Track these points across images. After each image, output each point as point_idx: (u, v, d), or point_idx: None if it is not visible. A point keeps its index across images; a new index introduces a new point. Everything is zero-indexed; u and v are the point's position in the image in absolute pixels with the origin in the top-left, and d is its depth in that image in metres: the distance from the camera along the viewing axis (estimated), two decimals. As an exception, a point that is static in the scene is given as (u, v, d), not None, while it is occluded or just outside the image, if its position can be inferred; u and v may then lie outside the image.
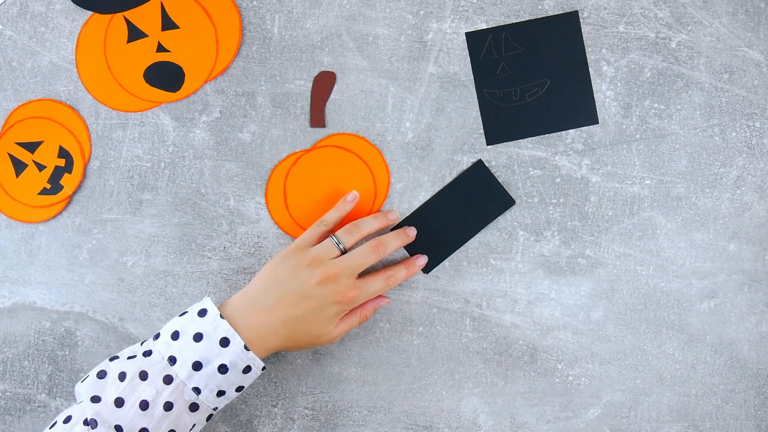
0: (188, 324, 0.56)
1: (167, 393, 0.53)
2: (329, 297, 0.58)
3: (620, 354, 0.65)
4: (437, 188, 0.65)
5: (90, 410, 0.53)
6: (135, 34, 0.65)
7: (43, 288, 0.66)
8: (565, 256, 0.65)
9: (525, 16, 0.64)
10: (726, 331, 0.65)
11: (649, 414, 0.65)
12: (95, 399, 0.53)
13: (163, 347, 0.55)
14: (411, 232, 0.64)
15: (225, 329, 0.55)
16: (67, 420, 0.53)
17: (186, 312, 0.57)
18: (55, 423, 0.54)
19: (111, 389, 0.53)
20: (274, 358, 0.65)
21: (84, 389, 0.54)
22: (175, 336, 0.55)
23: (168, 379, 0.54)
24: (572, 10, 0.64)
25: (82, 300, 0.65)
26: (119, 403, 0.53)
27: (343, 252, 0.60)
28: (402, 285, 0.65)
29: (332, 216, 0.62)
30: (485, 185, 0.64)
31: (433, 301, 0.65)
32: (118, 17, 0.64)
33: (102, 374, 0.54)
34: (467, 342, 0.65)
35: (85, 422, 0.52)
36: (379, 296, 0.63)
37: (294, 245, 0.60)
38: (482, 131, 0.64)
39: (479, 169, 0.64)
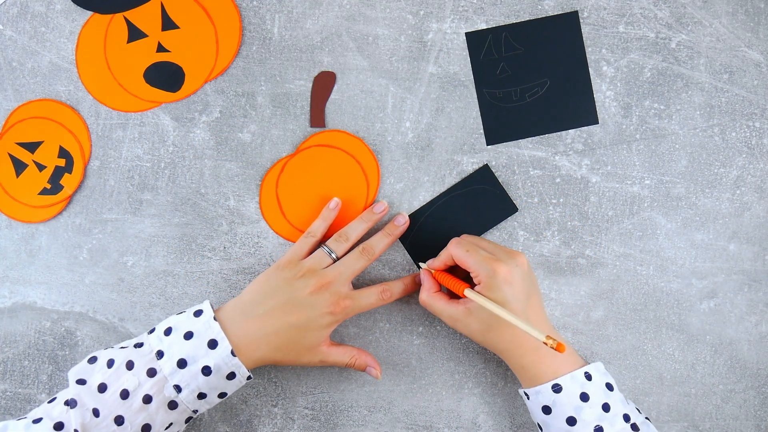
0: (182, 322, 0.56)
1: (148, 386, 0.54)
2: (322, 306, 0.58)
3: (620, 354, 0.65)
4: (437, 188, 0.65)
5: (72, 391, 0.53)
6: (135, 34, 0.65)
7: (43, 288, 0.66)
8: (565, 256, 0.65)
9: (525, 16, 0.64)
10: (726, 331, 0.65)
11: (648, 414, 0.65)
12: (80, 382, 0.54)
13: (154, 341, 0.55)
14: (399, 221, 0.63)
15: (215, 331, 0.55)
16: (52, 400, 0.55)
17: (184, 311, 0.58)
18: (42, 403, 0.55)
19: (98, 374, 0.54)
20: (274, 358, 0.65)
21: (73, 373, 0.55)
22: (168, 332, 0.56)
23: (151, 372, 0.54)
24: (572, 10, 0.64)
25: (83, 300, 0.66)
26: (102, 388, 0.54)
27: (336, 261, 0.61)
28: (402, 285, 0.65)
29: (319, 226, 0.62)
30: (490, 190, 0.64)
31: (433, 301, 0.65)
32: (118, 17, 0.65)
33: (92, 360, 0.55)
34: (467, 342, 0.65)
35: (66, 402, 0.53)
36: (375, 364, 0.62)
37: (286, 258, 0.60)
38: (482, 131, 0.65)
39: (485, 173, 0.64)
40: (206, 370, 0.55)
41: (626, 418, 0.55)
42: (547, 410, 0.56)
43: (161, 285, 0.65)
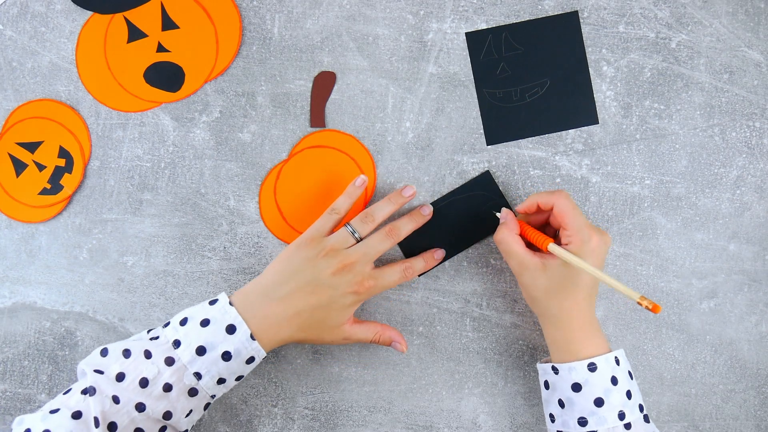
0: (198, 311, 0.56)
1: (168, 374, 0.54)
2: (345, 287, 0.58)
3: (620, 354, 0.65)
4: (437, 188, 0.65)
5: (91, 379, 0.53)
6: (135, 34, 0.65)
7: (43, 288, 0.66)
8: (565, 256, 0.65)
9: (525, 16, 0.64)
10: (726, 331, 0.65)
11: (649, 414, 0.65)
12: (97, 372, 0.54)
13: (170, 332, 0.55)
14: (425, 211, 0.63)
15: (233, 316, 0.55)
16: (67, 391, 0.54)
17: (198, 303, 0.58)
18: (56, 396, 0.55)
19: (114, 365, 0.54)
20: (273, 359, 0.65)
21: (87, 364, 0.54)
22: (183, 322, 0.56)
23: (170, 361, 0.54)
24: (572, 10, 0.64)
25: (82, 300, 0.66)
26: (120, 377, 0.53)
27: (359, 241, 0.60)
28: (402, 285, 0.65)
29: (343, 203, 0.61)
30: (489, 197, 0.64)
31: (433, 301, 0.65)
32: (118, 17, 0.65)
33: (104, 352, 0.55)
34: (467, 342, 0.65)
35: (84, 391, 0.53)
36: (400, 339, 0.62)
37: (308, 235, 0.59)
38: (482, 131, 0.65)
39: (486, 179, 0.64)
40: (226, 356, 0.55)
41: (641, 408, 0.56)
42: (577, 388, 0.55)
43: (161, 285, 0.65)
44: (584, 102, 0.64)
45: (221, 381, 0.56)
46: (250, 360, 0.56)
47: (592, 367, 0.55)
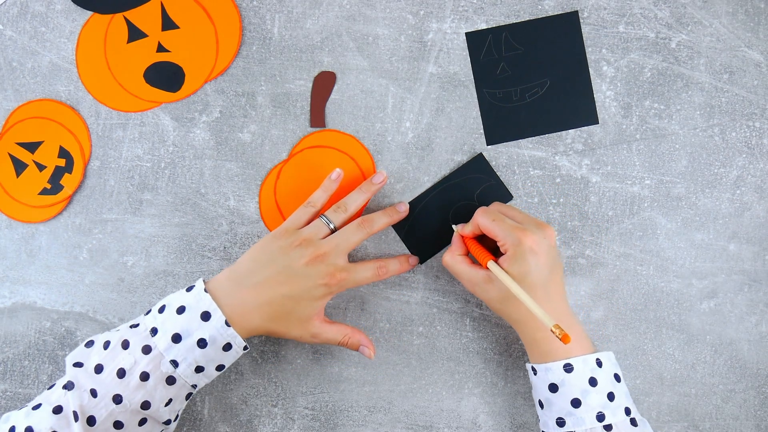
0: (175, 298, 0.56)
1: (144, 363, 0.54)
2: (317, 277, 0.57)
3: (620, 354, 0.65)
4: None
5: (70, 374, 0.53)
6: (135, 34, 0.65)
7: (43, 288, 0.66)
8: (565, 256, 0.65)
9: (525, 16, 0.64)
10: (726, 331, 0.65)
11: (649, 414, 0.65)
12: (78, 365, 0.54)
13: (149, 320, 0.55)
14: (401, 208, 0.63)
15: (207, 303, 0.55)
16: (51, 386, 0.55)
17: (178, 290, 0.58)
18: (42, 391, 0.55)
19: (94, 356, 0.54)
20: (273, 359, 0.65)
21: (70, 357, 0.55)
22: (162, 309, 0.56)
23: (147, 349, 0.54)
24: (572, 10, 0.64)
25: (83, 300, 0.66)
26: (98, 369, 0.53)
27: (333, 231, 0.60)
28: (402, 285, 0.65)
29: (319, 196, 0.62)
30: (485, 179, 0.64)
31: (433, 301, 0.65)
32: (118, 17, 0.65)
33: (89, 344, 0.55)
34: (467, 342, 0.65)
35: (64, 386, 0.53)
36: (368, 344, 0.62)
37: (283, 227, 0.60)
38: (482, 131, 0.65)
39: (479, 162, 0.64)
40: (201, 343, 0.55)
41: (627, 411, 0.55)
42: (554, 388, 0.55)
43: (161, 285, 0.65)
44: (584, 102, 0.64)
45: (199, 369, 0.55)
46: (227, 347, 0.56)
47: (568, 368, 0.55)
